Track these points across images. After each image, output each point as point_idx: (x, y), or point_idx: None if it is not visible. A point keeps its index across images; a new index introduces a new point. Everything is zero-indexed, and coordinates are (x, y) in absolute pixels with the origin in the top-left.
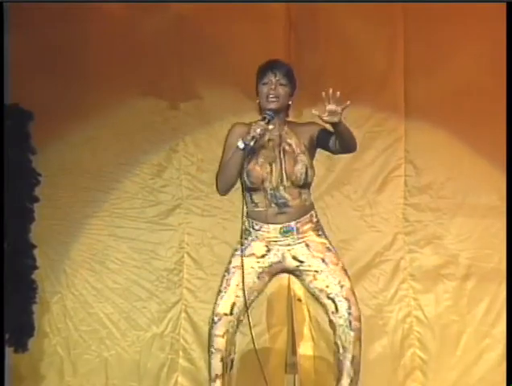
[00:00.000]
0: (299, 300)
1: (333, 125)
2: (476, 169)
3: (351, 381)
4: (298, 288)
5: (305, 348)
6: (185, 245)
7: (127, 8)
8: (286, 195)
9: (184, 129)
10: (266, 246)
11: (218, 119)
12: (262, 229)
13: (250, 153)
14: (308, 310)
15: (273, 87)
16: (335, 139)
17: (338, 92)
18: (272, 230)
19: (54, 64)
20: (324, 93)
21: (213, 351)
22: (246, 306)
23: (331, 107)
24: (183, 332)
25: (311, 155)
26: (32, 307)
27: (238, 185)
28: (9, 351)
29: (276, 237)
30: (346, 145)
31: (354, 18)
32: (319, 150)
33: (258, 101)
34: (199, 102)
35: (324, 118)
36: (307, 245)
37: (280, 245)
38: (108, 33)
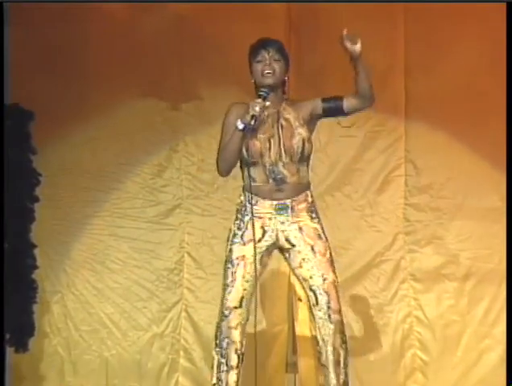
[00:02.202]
0: (300, 299)
1: (355, 58)
2: (477, 169)
3: (337, 374)
4: (298, 287)
5: (305, 347)
6: (185, 245)
7: (127, 8)
8: (285, 171)
9: (185, 129)
10: (262, 227)
11: (219, 119)
12: (258, 204)
13: (250, 132)
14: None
15: (267, 62)
16: (355, 83)
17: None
18: (268, 206)
19: (54, 64)
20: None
21: (229, 342)
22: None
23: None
24: (183, 332)
25: (310, 129)
26: (32, 307)
27: (239, 182)
28: (9, 350)
29: (270, 213)
30: (367, 87)
31: (355, 18)
32: (317, 149)
33: (252, 80)
34: (199, 102)
35: (347, 44)
36: (300, 228)
37: (274, 224)
38: (108, 33)
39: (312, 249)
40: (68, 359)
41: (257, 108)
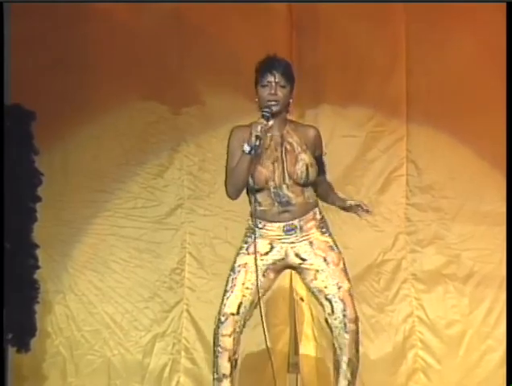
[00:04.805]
0: (302, 300)
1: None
2: (478, 169)
3: (348, 384)
4: (300, 287)
5: (307, 348)
6: (187, 245)
7: (128, 9)
8: (289, 194)
9: (186, 129)
10: (270, 243)
11: (219, 119)
12: (266, 227)
13: (257, 153)
14: (311, 310)
15: (272, 91)
16: (326, 193)
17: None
18: (276, 228)
19: (56, 64)
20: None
21: (220, 350)
22: (260, 305)
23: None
24: (184, 332)
25: (312, 154)
26: (35, 307)
27: None
28: (11, 350)
29: (279, 235)
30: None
31: (356, 18)
32: None
33: (256, 100)
34: (200, 103)
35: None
36: (310, 243)
37: (283, 243)
38: (109, 34)
39: (325, 260)
40: (70, 359)
41: (258, 129)
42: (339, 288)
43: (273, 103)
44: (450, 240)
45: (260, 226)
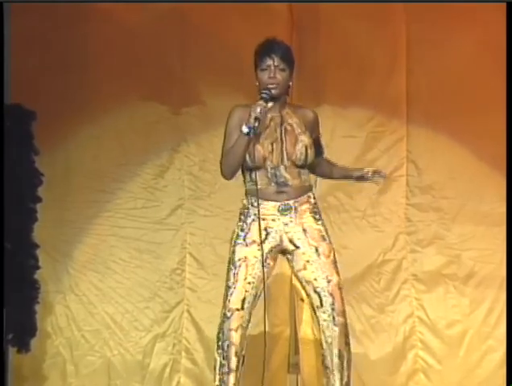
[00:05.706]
0: (302, 300)
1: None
2: (478, 169)
3: (341, 376)
4: (301, 288)
5: (307, 348)
6: (187, 245)
7: (129, 10)
8: (287, 175)
9: (186, 129)
10: (265, 229)
11: (220, 119)
12: (261, 206)
13: (255, 135)
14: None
15: (272, 75)
16: (329, 169)
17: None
18: (271, 207)
19: (57, 64)
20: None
21: (228, 344)
22: (265, 302)
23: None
24: (185, 332)
25: (310, 136)
26: (35, 307)
27: (241, 182)
28: (12, 351)
29: (274, 214)
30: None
31: (356, 18)
32: None
33: (256, 83)
34: (201, 103)
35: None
36: (304, 230)
37: (277, 225)
38: (110, 34)
39: (316, 251)
40: (70, 359)
41: (258, 110)
42: (328, 281)
43: (272, 86)
44: (450, 240)
45: (255, 204)
